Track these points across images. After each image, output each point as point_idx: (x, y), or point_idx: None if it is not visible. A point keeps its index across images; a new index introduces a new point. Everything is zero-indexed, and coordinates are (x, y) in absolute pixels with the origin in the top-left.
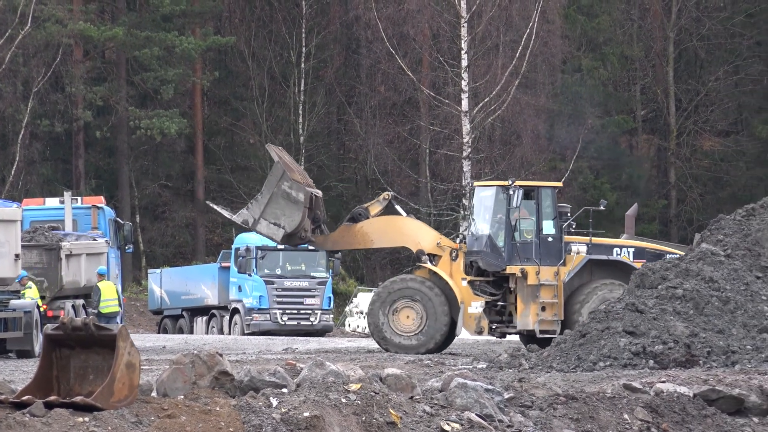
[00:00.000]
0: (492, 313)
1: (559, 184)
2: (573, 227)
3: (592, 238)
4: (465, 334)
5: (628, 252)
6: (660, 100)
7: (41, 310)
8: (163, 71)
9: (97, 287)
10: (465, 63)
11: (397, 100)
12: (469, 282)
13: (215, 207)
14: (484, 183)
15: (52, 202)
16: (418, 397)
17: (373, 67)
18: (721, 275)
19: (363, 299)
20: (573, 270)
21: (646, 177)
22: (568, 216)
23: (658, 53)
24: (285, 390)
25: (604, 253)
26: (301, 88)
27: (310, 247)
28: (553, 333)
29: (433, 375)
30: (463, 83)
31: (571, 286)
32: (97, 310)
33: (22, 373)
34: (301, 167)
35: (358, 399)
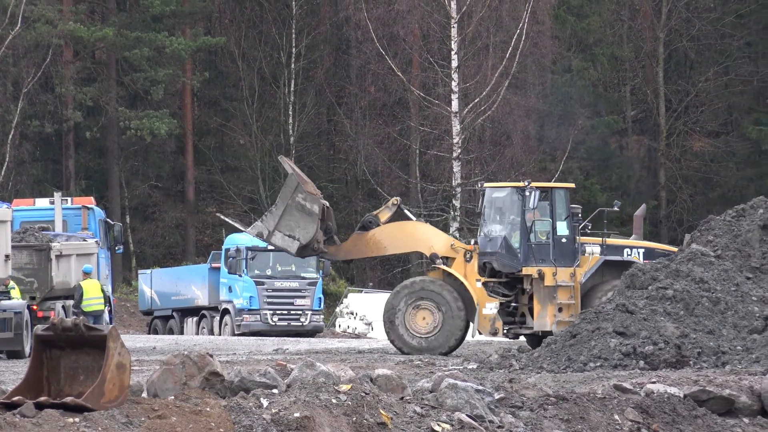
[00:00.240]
0: (504, 314)
1: (572, 185)
2: (589, 228)
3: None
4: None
5: (638, 253)
6: (650, 101)
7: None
8: (153, 72)
9: (79, 285)
10: (455, 63)
11: (387, 100)
12: (483, 283)
13: (227, 219)
14: (497, 184)
15: (42, 202)
16: (408, 397)
17: (363, 68)
18: (712, 276)
19: (353, 300)
20: (589, 271)
21: (636, 178)
22: (579, 217)
23: (648, 54)
24: (275, 390)
25: (616, 254)
26: (291, 89)
27: None
28: None
29: (424, 375)
30: (453, 84)
31: (586, 287)
32: (78, 309)
33: (12, 373)
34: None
35: (349, 399)
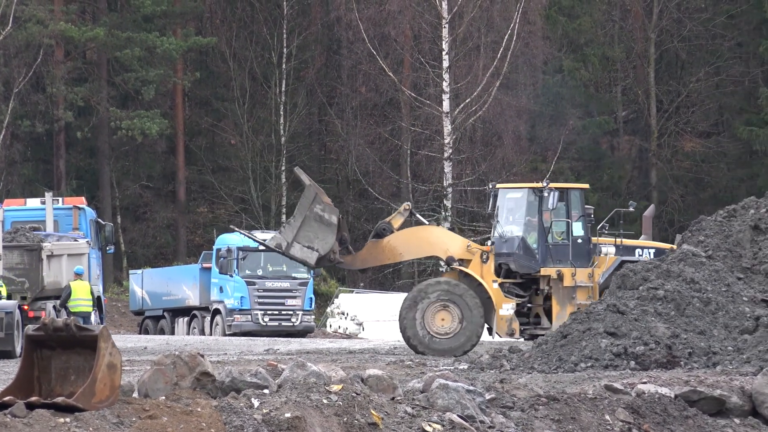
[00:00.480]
0: (516, 315)
1: (587, 186)
2: (606, 229)
3: (614, 239)
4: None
5: (649, 253)
6: (641, 102)
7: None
8: (144, 72)
9: (68, 285)
10: (446, 64)
11: (378, 100)
12: (499, 284)
13: (243, 233)
14: (511, 185)
15: (33, 202)
16: (399, 398)
17: (355, 68)
18: (703, 276)
19: (344, 300)
20: (607, 271)
21: (627, 178)
22: (591, 217)
23: (639, 54)
24: (266, 391)
25: (628, 254)
26: (283, 89)
27: None
28: None
29: (415, 376)
30: (445, 84)
31: (603, 287)
32: (63, 307)
33: (3, 373)
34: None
35: (340, 400)
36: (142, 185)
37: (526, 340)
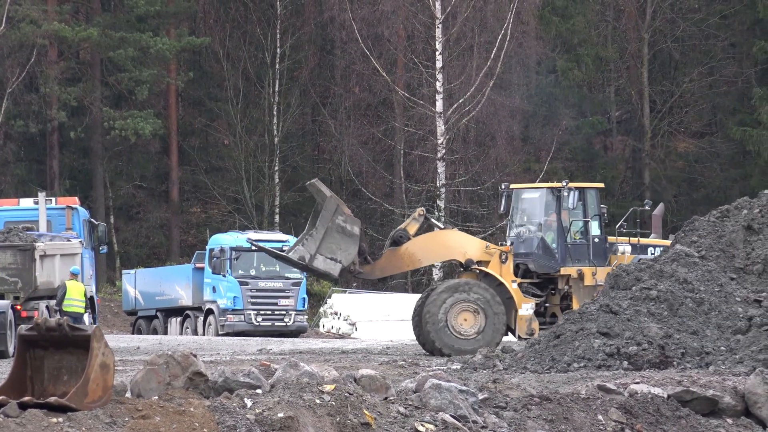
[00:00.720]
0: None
1: (602, 185)
2: (624, 228)
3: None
4: None
5: (661, 251)
6: (634, 102)
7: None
8: (137, 72)
9: (63, 284)
10: (439, 64)
11: (371, 101)
12: (518, 284)
13: (258, 246)
14: (527, 185)
15: (27, 202)
16: (392, 397)
17: (348, 68)
18: (696, 276)
19: (337, 300)
20: None
21: (620, 178)
22: (605, 216)
23: (633, 54)
24: (259, 391)
25: (643, 252)
26: (276, 89)
27: (284, 248)
28: None
29: (408, 376)
30: (438, 84)
31: None
32: (58, 307)
33: None
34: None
35: (333, 400)
36: (136, 185)
37: None
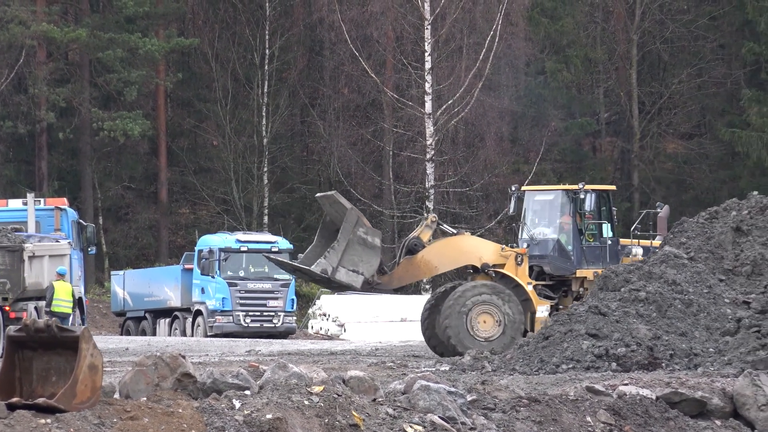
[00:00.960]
0: None
1: (614, 187)
2: (638, 230)
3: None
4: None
5: None
6: (623, 103)
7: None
8: (126, 73)
9: (51, 285)
10: (428, 65)
11: (360, 102)
12: (533, 286)
13: (273, 259)
14: (540, 187)
15: (15, 203)
16: (380, 399)
17: (337, 69)
18: (684, 278)
19: (326, 301)
20: None
21: (609, 179)
22: (615, 218)
23: (622, 56)
24: (248, 392)
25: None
26: (265, 90)
27: (273, 249)
28: None
29: (396, 377)
30: (427, 85)
31: None
32: (48, 309)
33: None
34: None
35: (321, 401)
36: (124, 186)
37: None
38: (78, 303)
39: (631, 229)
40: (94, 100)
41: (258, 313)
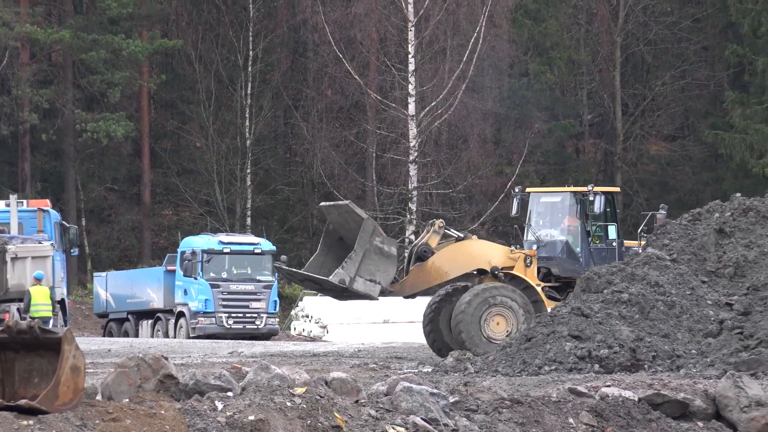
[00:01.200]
0: None
1: (618, 189)
2: (644, 232)
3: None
4: (411, 338)
5: None
6: (607, 105)
7: None
8: (109, 74)
9: (27, 291)
10: (412, 67)
11: (343, 103)
12: (541, 288)
13: (285, 268)
14: (546, 189)
15: None
16: (363, 400)
17: (320, 71)
18: (667, 280)
19: (308, 303)
20: None
21: (592, 181)
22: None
23: (605, 58)
24: (230, 393)
25: None
26: (248, 92)
27: (256, 251)
28: None
29: (379, 379)
30: (410, 87)
31: None
32: (26, 315)
33: None
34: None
35: (304, 403)
36: (107, 188)
37: None
38: (60, 304)
39: (638, 231)
40: (78, 102)
41: (241, 315)
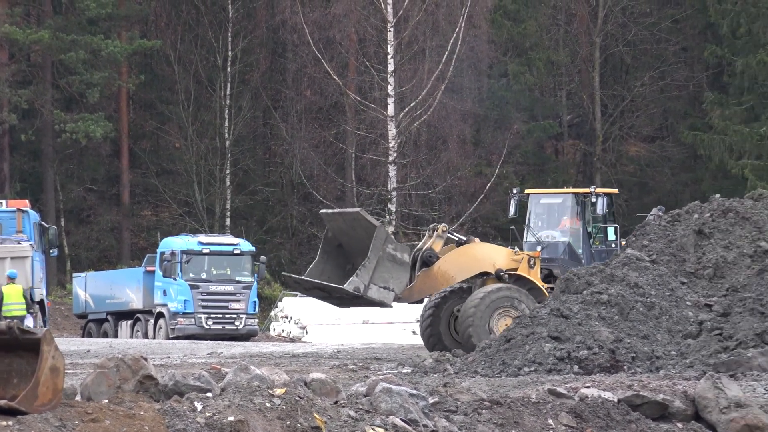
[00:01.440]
0: None
1: (617, 191)
2: None
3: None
4: (391, 339)
5: None
6: (586, 106)
7: None
8: (88, 75)
9: (0, 290)
10: (391, 68)
11: (323, 104)
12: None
13: (298, 278)
14: (547, 191)
15: None
16: (342, 401)
17: (300, 72)
18: (646, 281)
19: (288, 304)
20: None
21: (571, 182)
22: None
23: (584, 59)
24: (209, 394)
25: None
26: (227, 92)
27: (235, 252)
28: None
29: (358, 380)
30: (390, 88)
31: None
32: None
33: None
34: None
35: (283, 403)
36: (86, 188)
37: None
38: (40, 305)
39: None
40: (57, 102)
41: (220, 315)
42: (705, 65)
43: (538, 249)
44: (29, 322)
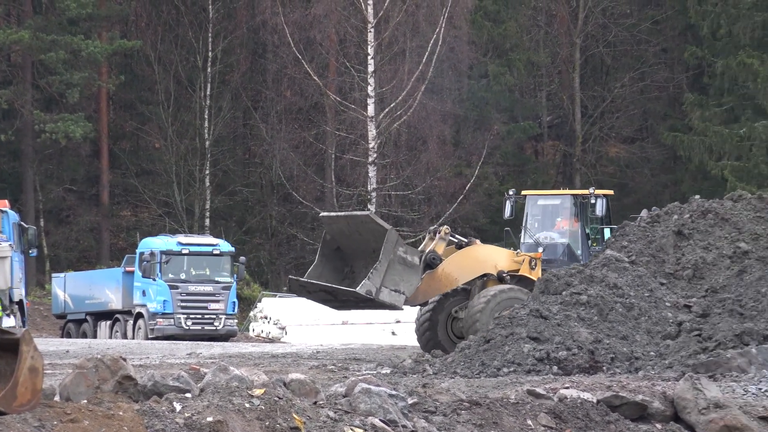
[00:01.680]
0: None
1: (612, 192)
2: None
3: None
4: (370, 339)
5: None
6: (566, 107)
7: None
8: (68, 75)
9: None
10: (371, 68)
11: (303, 104)
12: None
13: (305, 281)
14: (545, 192)
15: None
16: (321, 402)
17: (280, 72)
18: (626, 281)
19: (267, 304)
20: None
21: (551, 183)
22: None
23: (565, 59)
24: (188, 395)
25: None
26: (207, 93)
27: (215, 252)
28: None
29: (337, 380)
30: (370, 88)
31: None
32: None
33: None
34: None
35: (262, 404)
36: (66, 188)
37: None
38: (19, 305)
39: None
40: (36, 102)
41: (199, 316)
42: (685, 66)
43: (540, 250)
44: (10, 322)
